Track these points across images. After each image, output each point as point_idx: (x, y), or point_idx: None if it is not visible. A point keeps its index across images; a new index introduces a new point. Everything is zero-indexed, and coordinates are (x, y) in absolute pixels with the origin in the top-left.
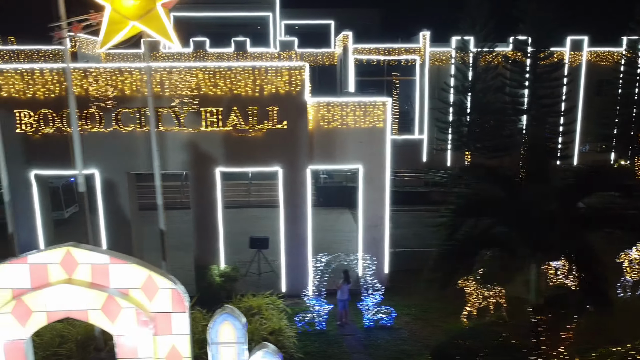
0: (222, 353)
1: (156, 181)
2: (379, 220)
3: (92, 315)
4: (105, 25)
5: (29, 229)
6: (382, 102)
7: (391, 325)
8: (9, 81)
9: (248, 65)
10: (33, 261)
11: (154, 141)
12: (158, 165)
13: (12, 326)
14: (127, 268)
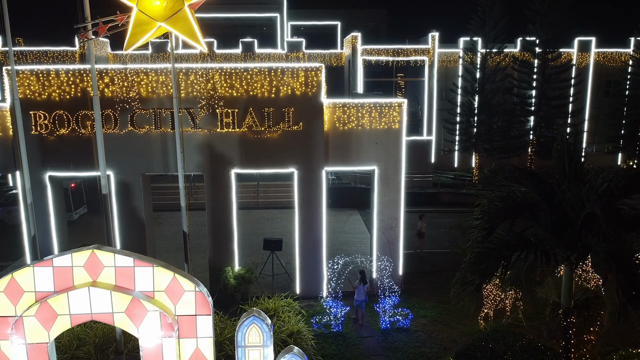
0: (249, 356)
1: (180, 183)
2: (394, 221)
3: (117, 318)
4: (131, 27)
5: (44, 231)
6: (399, 103)
7: (408, 327)
8: (24, 82)
9: (264, 67)
10: (58, 264)
11: (179, 143)
12: (182, 167)
13: (36, 329)
14: (151, 271)
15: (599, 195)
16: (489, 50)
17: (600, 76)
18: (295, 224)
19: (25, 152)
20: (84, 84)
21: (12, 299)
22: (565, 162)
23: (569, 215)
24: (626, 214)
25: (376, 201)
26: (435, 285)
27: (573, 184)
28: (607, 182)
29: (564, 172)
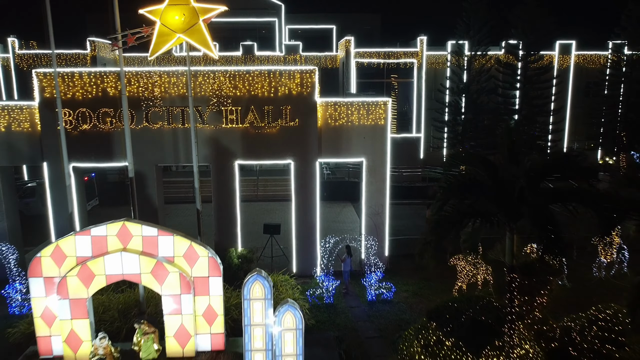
0: (253, 307)
1: (195, 169)
2: (381, 207)
3: (144, 278)
4: (155, 37)
5: (66, 216)
6: (384, 101)
7: (391, 299)
8: (52, 83)
9: (264, 69)
10: (95, 233)
11: (194, 136)
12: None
13: (77, 287)
14: (172, 239)
15: (526, 173)
16: (475, 53)
17: (581, 77)
18: (292, 210)
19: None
20: (104, 85)
21: (57, 263)
22: (505, 148)
23: (507, 189)
24: (547, 188)
25: (364, 189)
26: (418, 266)
27: (510, 165)
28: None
29: (505, 156)
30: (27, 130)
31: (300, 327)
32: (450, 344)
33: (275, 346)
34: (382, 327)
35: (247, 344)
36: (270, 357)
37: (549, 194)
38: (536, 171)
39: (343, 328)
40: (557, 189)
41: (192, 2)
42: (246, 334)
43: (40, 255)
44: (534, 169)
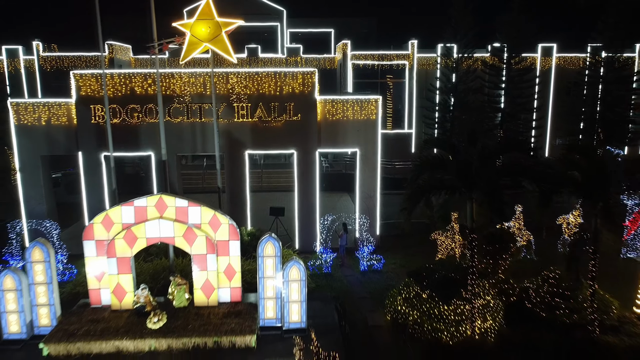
0: (266, 263)
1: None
2: (372, 192)
3: (177, 240)
4: (186, 46)
5: (98, 198)
6: (375, 99)
7: (381, 269)
8: (86, 83)
9: (271, 71)
10: (137, 204)
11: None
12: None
13: (123, 247)
14: (199, 210)
15: (478, 154)
16: (462, 55)
17: (562, 78)
18: (295, 193)
19: (111, 137)
20: (132, 84)
21: (106, 228)
22: (466, 135)
23: (466, 166)
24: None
25: (358, 176)
26: (405, 244)
27: (468, 147)
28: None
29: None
30: (65, 124)
31: (304, 279)
32: (425, 296)
33: (284, 294)
34: (372, 290)
35: (260, 293)
36: (279, 304)
37: (497, 169)
38: (487, 152)
39: (339, 291)
40: (504, 166)
41: (216, 17)
42: (260, 285)
43: (93, 222)
44: (485, 150)
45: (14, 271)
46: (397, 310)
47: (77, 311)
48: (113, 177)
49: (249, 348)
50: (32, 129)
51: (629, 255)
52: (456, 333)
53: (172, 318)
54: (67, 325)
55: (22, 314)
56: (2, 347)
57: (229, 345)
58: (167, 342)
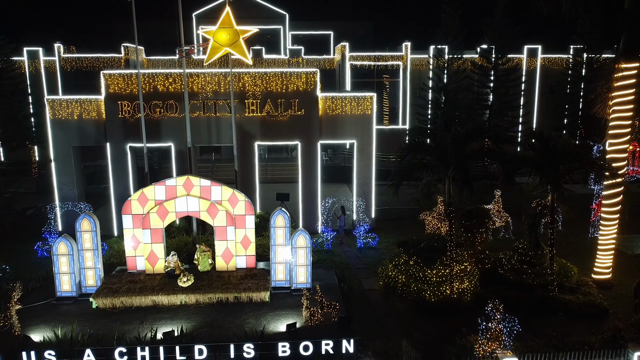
0: (277, 233)
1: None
2: (368, 179)
3: (201, 214)
4: (209, 50)
5: (124, 184)
6: (370, 96)
7: (375, 246)
8: (114, 81)
9: (278, 71)
10: (168, 184)
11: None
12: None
13: (156, 220)
14: (220, 189)
15: (452, 139)
16: (453, 56)
17: (546, 77)
18: (299, 180)
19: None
20: (154, 83)
21: (141, 204)
22: (443, 123)
23: (443, 149)
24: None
25: (355, 165)
26: (398, 226)
27: (444, 133)
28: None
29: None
30: (94, 118)
31: (309, 246)
32: (412, 263)
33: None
34: (367, 263)
35: (272, 258)
36: (288, 267)
37: (468, 152)
38: (459, 137)
39: (339, 263)
40: (473, 149)
41: (234, 26)
42: (272, 252)
43: (131, 199)
44: (457, 136)
45: (67, 238)
46: (388, 276)
47: (116, 274)
48: (146, 164)
49: (263, 302)
50: (65, 122)
51: (595, 235)
52: (437, 292)
53: (197, 279)
54: (110, 285)
55: (72, 275)
56: (57, 302)
57: (247, 300)
58: (196, 297)
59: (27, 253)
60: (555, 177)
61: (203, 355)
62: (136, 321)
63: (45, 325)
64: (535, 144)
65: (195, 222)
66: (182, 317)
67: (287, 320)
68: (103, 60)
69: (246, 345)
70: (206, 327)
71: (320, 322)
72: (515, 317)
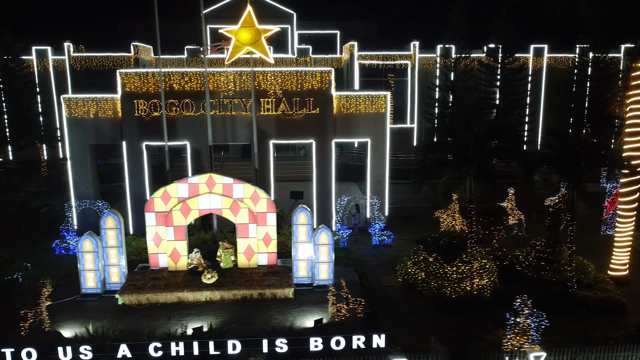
0: (299, 230)
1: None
2: (381, 177)
3: (224, 211)
4: (231, 49)
5: (140, 181)
6: (384, 95)
7: (390, 244)
8: (130, 80)
9: (294, 70)
10: (190, 182)
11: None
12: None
13: (179, 217)
14: (242, 186)
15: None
16: (460, 55)
17: (552, 76)
18: (314, 178)
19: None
20: (171, 81)
21: (164, 201)
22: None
23: (464, 147)
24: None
25: (369, 163)
26: (410, 224)
27: (465, 131)
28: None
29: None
30: (110, 117)
31: (331, 243)
32: (432, 259)
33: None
34: (383, 260)
35: (294, 255)
36: (310, 264)
37: (489, 150)
38: (481, 136)
39: (355, 260)
40: (494, 148)
41: (256, 25)
42: (294, 248)
43: (154, 197)
44: (480, 133)
45: (92, 236)
46: (407, 272)
47: (139, 271)
48: (167, 162)
49: (287, 298)
50: (81, 121)
51: (607, 232)
52: (458, 289)
53: (221, 276)
54: (134, 282)
55: (97, 272)
56: (83, 298)
57: (271, 297)
58: (220, 293)
59: (45, 251)
60: (576, 174)
61: (237, 350)
62: (163, 317)
63: (74, 322)
64: (554, 142)
65: (216, 220)
66: (208, 313)
67: (312, 316)
68: (113, 59)
69: (279, 340)
70: (233, 323)
71: (346, 317)
72: (543, 313)
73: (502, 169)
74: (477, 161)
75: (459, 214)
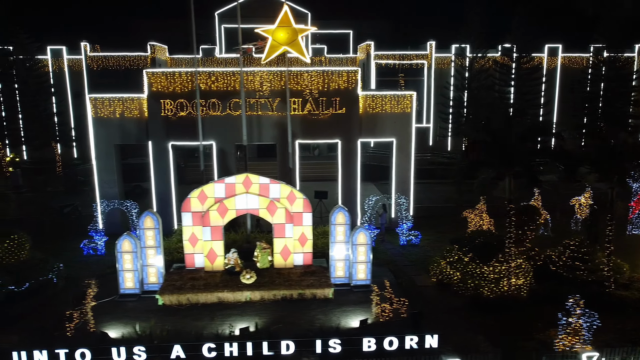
0: (337, 230)
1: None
2: (407, 177)
3: (261, 211)
4: (267, 48)
5: (165, 180)
6: (410, 94)
7: (418, 244)
8: (157, 80)
9: (320, 70)
10: (227, 181)
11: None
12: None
13: (216, 217)
14: (279, 186)
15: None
16: (475, 55)
17: (566, 76)
18: (339, 177)
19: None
20: (198, 81)
21: (201, 201)
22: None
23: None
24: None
25: (394, 163)
26: (433, 224)
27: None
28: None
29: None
30: (136, 116)
31: (369, 243)
32: (467, 260)
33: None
34: (413, 260)
35: (332, 255)
36: (348, 264)
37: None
38: (522, 135)
39: (385, 261)
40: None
41: (293, 24)
42: (331, 248)
43: (190, 197)
44: (521, 133)
45: (131, 236)
46: (442, 272)
47: (175, 272)
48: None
49: (327, 299)
50: (107, 120)
51: (634, 232)
52: (495, 289)
53: (259, 276)
54: (173, 282)
55: (136, 272)
56: (121, 299)
57: (310, 297)
58: (260, 293)
59: (71, 251)
60: (619, 174)
61: (290, 350)
62: (206, 317)
63: (117, 322)
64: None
65: (250, 220)
66: (250, 314)
67: (355, 316)
68: (129, 58)
69: (332, 340)
70: (276, 323)
71: (390, 318)
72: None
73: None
74: (519, 161)
75: (486, 214)
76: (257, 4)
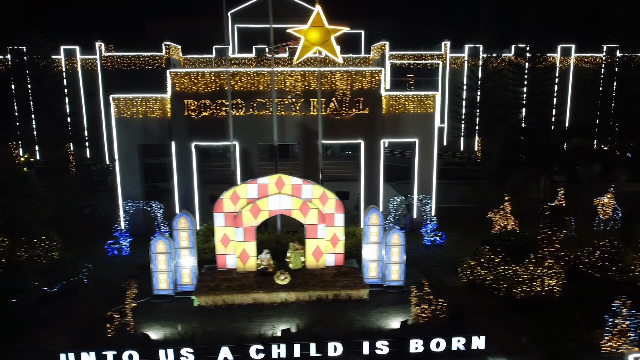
0: (371, 231)
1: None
2: (429, 177)
3: (294, 212)
4: (300, 49)
5: (188, 180)
6: (433, 95)
7: (442, 244)
8: (180, 80)
9: (343, 70)
10: (260, 182)
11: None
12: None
13: (249, 218)
14: (311, 186)
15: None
16: (489, 55)
17: (579, 76)
18: (362, 177)
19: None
20: (221, 81)
21: (233, 202)
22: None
23: (539, 147)
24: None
25: (417, 163)
26: (455, 224)
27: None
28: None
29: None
30: (159, 117)
31: (403, 244)
32: (499, 260)
33: (386, 257)
34: (439, 260)
35: (365, 256)
36: (381, 265)
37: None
38: (561, 136)
39: (411, 262)
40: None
41: (325, 24)
42: (364, 249)
43: (222, 197)
44: (559, 133)
45: (165, 237)
46: (472, 273)
47: (208, 272)
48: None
49: (362, 300)
50: (130, 121)
51: None
52: (528, 289)
53: (292, 277)
54: (207, 283)
55: (170, 273)
56: (155, 300)
57: (345, 298)
58: (296, 294)
59: (96, 252)
60: None
61: (337, 352)
62: (244, 319)
63: (154, 323)
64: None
65: (279, 221)
66: (288, 315)
67: (393, 317)
68: (144, 58)
69: (380, 342)
70: (315, 324)
71: (429, 319)
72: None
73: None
74: (558, 162)
75: (511, 214)
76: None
